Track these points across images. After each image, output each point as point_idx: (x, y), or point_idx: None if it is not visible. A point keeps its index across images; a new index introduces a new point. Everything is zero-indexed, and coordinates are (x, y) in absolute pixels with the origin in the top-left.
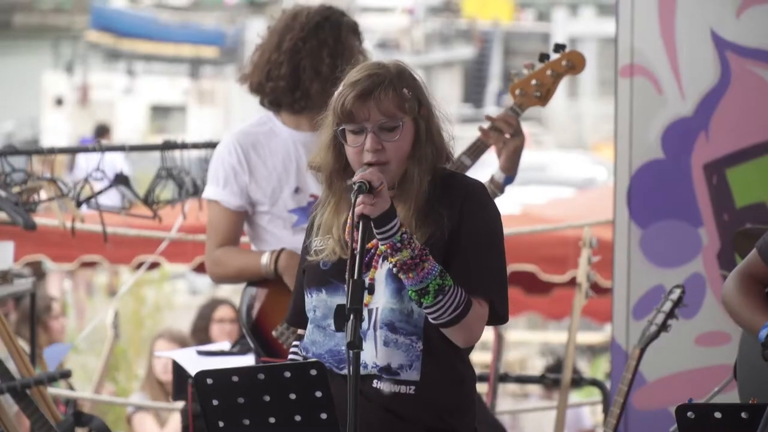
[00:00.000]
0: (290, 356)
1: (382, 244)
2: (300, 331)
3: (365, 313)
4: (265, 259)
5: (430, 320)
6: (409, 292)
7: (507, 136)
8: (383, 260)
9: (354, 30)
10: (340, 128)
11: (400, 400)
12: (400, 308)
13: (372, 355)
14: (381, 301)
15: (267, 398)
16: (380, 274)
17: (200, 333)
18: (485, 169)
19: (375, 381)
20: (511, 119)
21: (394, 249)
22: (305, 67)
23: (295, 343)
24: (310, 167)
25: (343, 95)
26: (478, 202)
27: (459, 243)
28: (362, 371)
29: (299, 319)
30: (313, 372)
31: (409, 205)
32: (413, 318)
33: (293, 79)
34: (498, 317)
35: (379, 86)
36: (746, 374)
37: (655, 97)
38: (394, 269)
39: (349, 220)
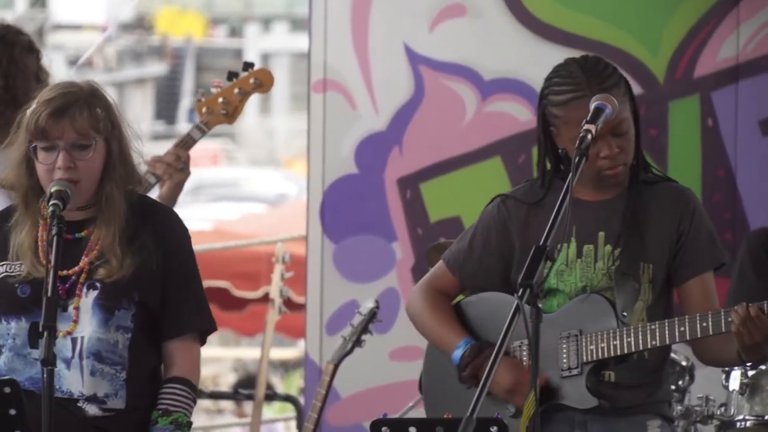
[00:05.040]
0: None
1: None
2: None
3: (69, 342)
4: None
5: None
6: None
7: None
8: (88, 288)
9: (30, 48)
10: (33, 146)
11: (105, 420)
12: (107, 338)
13: (78, 384)
14: (87, 330)
15: None
16: (86, 303)
17: None
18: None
19: (81, 402)
20: (183, 153)
21: None
22: None
23: None
24: (1, 185)
25: (36, 112)
26: (180, 232)
27: (170, 278)
28: (68, 398)
29: None
30: (7, 390)
31: (112, 229)
32: (119, 348)
33: None
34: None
35: (74, 104)
36: (433, 387)
37: (349, 111)
38: None
39: (42, 241)
